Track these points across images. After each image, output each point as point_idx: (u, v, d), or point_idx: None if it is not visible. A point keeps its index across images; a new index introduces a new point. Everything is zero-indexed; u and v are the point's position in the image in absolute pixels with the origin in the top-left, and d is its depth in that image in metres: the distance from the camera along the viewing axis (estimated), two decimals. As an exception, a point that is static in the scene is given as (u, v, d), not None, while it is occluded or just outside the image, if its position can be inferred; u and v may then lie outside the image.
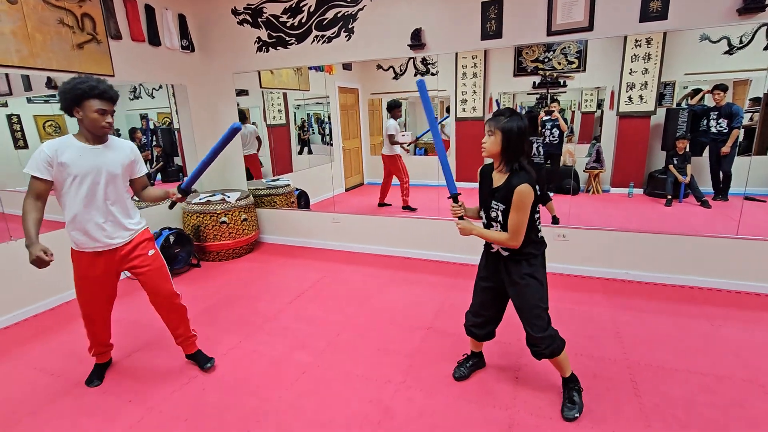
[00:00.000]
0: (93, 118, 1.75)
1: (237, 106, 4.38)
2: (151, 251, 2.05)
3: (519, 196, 1.58)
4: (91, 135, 1.82)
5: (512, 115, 1.62)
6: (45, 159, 1.72)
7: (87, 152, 1.80)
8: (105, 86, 1.77)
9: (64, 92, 1.74)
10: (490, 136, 1.64)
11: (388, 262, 3.78)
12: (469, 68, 4.41)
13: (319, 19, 3.74)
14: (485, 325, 1.95)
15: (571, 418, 1.75)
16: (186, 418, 1.87)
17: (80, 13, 3.12)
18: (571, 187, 4.24)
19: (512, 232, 1.63)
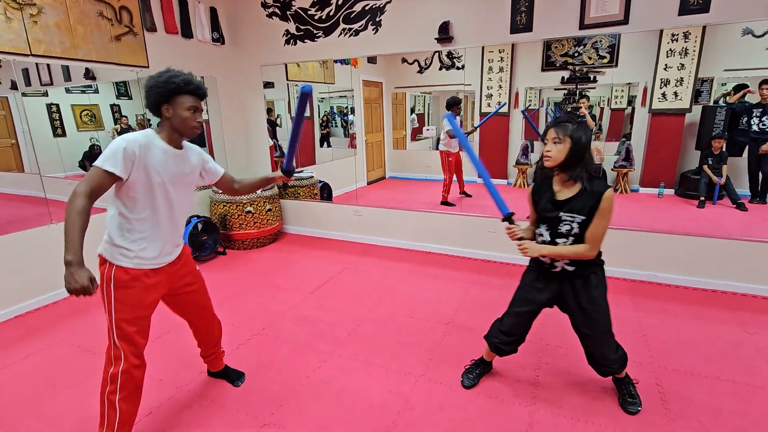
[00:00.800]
0: (185, 117, 1.53)
1: (264, 98, 4.45)
2: (197, 266, 1.90)
3: (609, 202, 1.51)
4: (177, 136, 1.57)
5: (580, 123, 1.54)
6: (130, 156, 1.41)
7: (171, 157, 1.55)
8: (198, 81, 1.58)
9: (155, 86, 1.52)
10: (557, 144, 1.54)
11: (409, 256, 3.79)
12: (495, 62, 4.34)
13: (347, 12, 3.75)
14: (514, 343, 1.89)
15: (635, 411, 1.76)
16: (213, 399, 1.95)
17: (118, 6, 3.23)
18: (598, 185, 4.13)
19: (594, 241, 1.55)
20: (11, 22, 2.64)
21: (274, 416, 1.83)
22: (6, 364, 2.26)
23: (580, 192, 1.56)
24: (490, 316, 2.61)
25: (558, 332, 2.43)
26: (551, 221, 1.63)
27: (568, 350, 2.25)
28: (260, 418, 1.82)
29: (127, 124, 4.12)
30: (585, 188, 1.54)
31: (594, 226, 1.54)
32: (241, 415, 1.84)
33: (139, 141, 1.45)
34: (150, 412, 1.87)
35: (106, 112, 3.86)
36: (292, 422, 1.79)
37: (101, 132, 3.86)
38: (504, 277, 3.26)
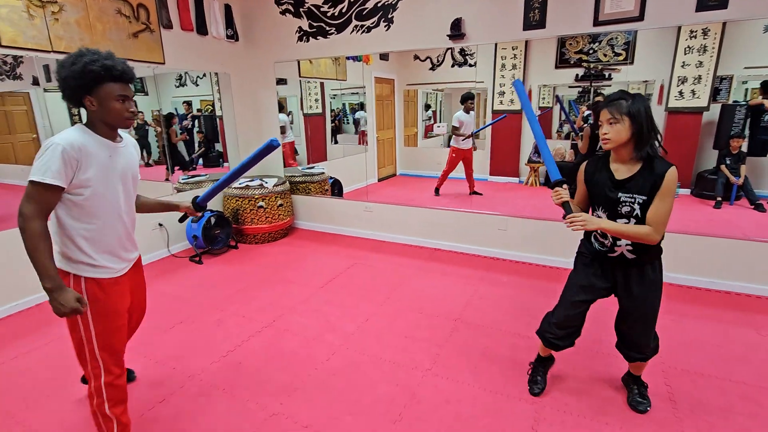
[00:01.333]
0: (114, 108, 1.32)
1: (277, 94, 4.50)
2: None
3: (672, 181, 1.40)
4: (109, 131, 1.38)
5: (634, 96, 1.43)
6: (69, 160, 1.24)
7: (113, 150, 1.39)
8: (122, 64, 1.32)
9: (70, 77, 1.27)
10: (613, 125, 1.43)
11: (418, 252, 3.81)
12: (508, 59, 4.31)
13: (359, 8, 3.76)
14: (572, 335, 1.77)
15: (644, 410, 1.75)
16: (223, 388, 2.00)
17: (136, 4, 3.30)
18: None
19: (658, 223, 1.42)
20: (34, 19, 2.72)
21: (282, 406, 1.87)
22: (29, 350, 2.35)
23: (640, 170, 1.45)
24: (498, 312, 2.64)
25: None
26: (610, 203, 1.52)
27: (577, 347, 2.25)
28: (269, 407, 1.86)
29: (142, 120, 4.21)
30: (645, 166, 1.45)
31: (655, 207, 1.43)
32: (251, 405, 1.88)
33: (76, 141, 1.27)
34: (163, 399, 1.93)
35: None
36: (300, 412, 1.83)
37: (118, 127, 3.94)
38: (512, 275, 3.26)
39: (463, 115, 4.47)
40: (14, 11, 2.63)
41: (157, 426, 1.77)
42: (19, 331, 2.55)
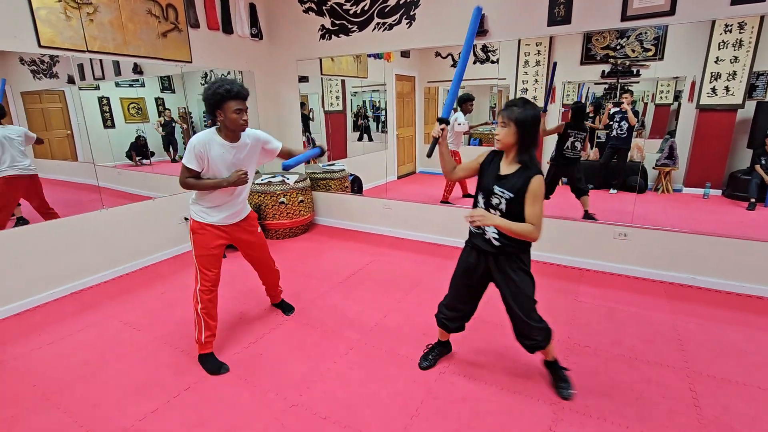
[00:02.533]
0: (233, 118, 1.94)
1: (299, 92, 4.56)
2: (258, 228, 2.41)
3: (538, 185, 1.59)
4: (231, 133, 2.01)
5: (525, 105, 1.60)
6: (198, 154, 1.96)
7: (228, 150, 2.02)
8: (238, 87, 1.95)
9: (207, 98, 1.95)
10: (503, 127, 1.63)
11: (437, 250, 3.81)
12: (531, 56, 4.23)
13: (381, 6, 3.77)
14: (460, 318, 1.99)
15: (569, 396, 1.85)
16: (245, 378, 2.06)
17: (165, 4, 3.40)
18: (637, 184, 3.98)
19: (537, 224, 1.60)
20: (70, 20, 2.85)
21: (302, 397, 1.91)
22: (64, 335, 2.48)
23: (516, 171, 1.65)
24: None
25: (584, 332, 2.39)
26: (487, 192, 1.72)
27: (597, 350, 2.22)
28: (289, 398, 1.91)
29: (170, 117, 4.33)
30: (520, 170, 1.64)
31: (530, 210, 1.61)
32: (271, 395, 1.94)
33: (203, 140, 1.97)
34: (188, 387, 2.00)
35: (151, 105, 4.09)
36: (318, 404, 1.87)
37: (146, 124, 4.09)
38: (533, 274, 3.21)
39: (461, 117, 4.49)
40: (52, 13, 2.76)
41: (179, 413, 1.84)
42: (57, 317, 2.69)
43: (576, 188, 3.56)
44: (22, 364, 2.21)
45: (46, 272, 2.90)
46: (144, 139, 4.07)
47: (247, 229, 2.30)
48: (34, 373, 2.14)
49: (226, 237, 2.22)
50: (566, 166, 3.59)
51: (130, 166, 3.96)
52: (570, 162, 3.65)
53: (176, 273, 3.41)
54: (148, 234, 3.56)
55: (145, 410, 1.85)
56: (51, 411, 1.87)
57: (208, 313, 2.14)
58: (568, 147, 3.63)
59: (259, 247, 2.41)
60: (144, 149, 4.08)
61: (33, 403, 1.91)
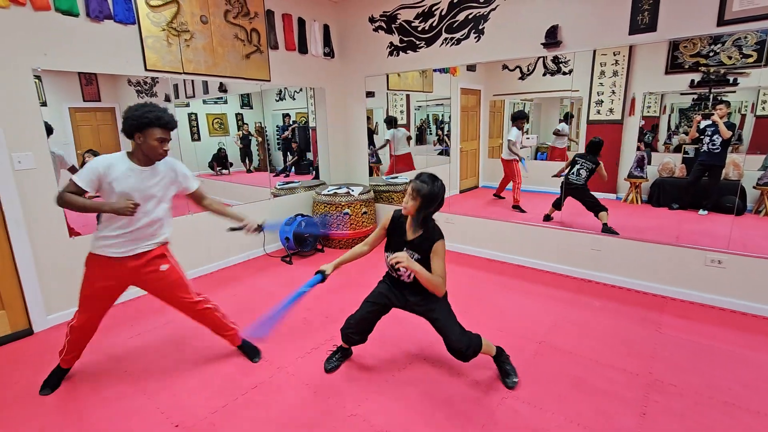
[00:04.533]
0: (153, 146, 1.84)
1: (366, 106, 4.71)
2: (164, 266, 2.06)
3: (441, 248, 1.87)
4: (146, 159, 1.90)
5: (434, 182, 1.84)
6: (96, 174, 1.80)
7: (135, 173, 1.88)
8: (169, 116, 1.87)
9: (131, 118, 1.82)
10: (412, 200, 1.85)
11: (499, 268, 3.68)
12: (608, 66, 3.98)
13: (449, 21, 3.80)
14: (361, 333, 2.17)
15: (512, 384, 2.03)
16: (307, 383, 2.12)
17: (250, 28, 3.72)
18: (734, 205, 3.55)
19: (443, 276, 1.87)
20: (171, 46, 3.21)
21: (360, 408, 1.93)
22: (149, 329, 2.74)
23: (420, 236, 1.90)
24: (590, 340, 2.44)
25: (668, 369, 2.15)
26: (396, 250, 1.94)
27: (684, 390, 1.99)
28: (348, 408, 1.93)
29: (247, 131, 4.69)
30: (424, 234, 1.89)
31: (436, 266, 1.87)
32: (332, 402, 1.97)
33: (107, 162, 1.84)
34: (255, 386, 2.11)
35: (232, 120, 4.45)
36: (375, 416, 1.87)
37: (227, 137, 4.46)
38: (606, 300, 2.99)
39: (516, 132, 4.57)
40: (157, 40, 3.13)
41: (247, 410, 1.94)
42: (144, 312, 2.98)
43: (589, 208, 3.57)
44: (116, 351, 2.48)
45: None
46: (224, 151, 4.44)
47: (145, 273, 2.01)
48: (126, 359, 2.38)
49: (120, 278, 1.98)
50: (570, 190, 3.66)
51: (211, 175, 4.33)
52: (574, 188, 3.65)
53: (247, 276, 3.63)
54: (223, 239, 3.84)
55: (217, 405, 1.98)
56: (137, 395, 2.06)
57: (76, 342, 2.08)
58: (574, 173, 3.65)
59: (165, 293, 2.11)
60: (224, 160, 4.44)
61: (124, 387, 2.13)
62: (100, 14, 2.80)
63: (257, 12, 3.77)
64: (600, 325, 2.63)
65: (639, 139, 3.92)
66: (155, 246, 2.04)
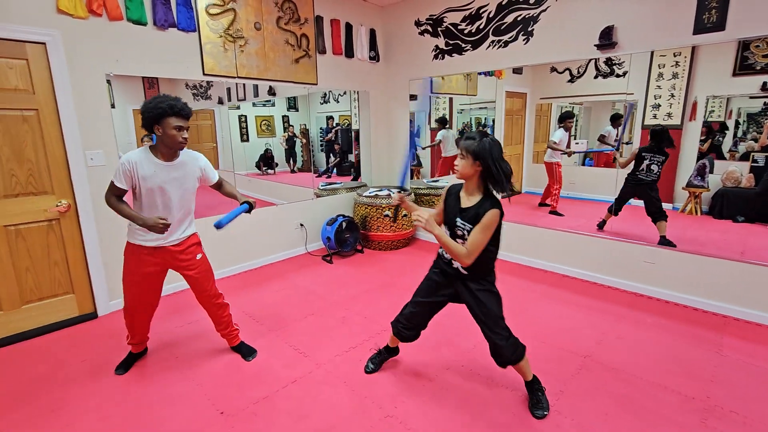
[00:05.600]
0: (172, 135, 1.90)
1: (409, 109, 4.72)
2: (199, 255, 2.20)
3: (490, 217, 1.65)
4: (168, 150, 1.96)
5: (482, 138, 1.66)
6: (126, 171, 1.91)
7: (161, 168, 1.96)
8: (182, 104, 1.92)
9: (147, 111, 1.88)
10: (462, 159, 1.70)
11: (543, 277, 3.56)
12: (667, 67, 3.75)
13: (497, 24, 3.74)
14: (414, 329, 2.06)
15: (541, 416, 1.86)
16: (345, 381, 2.16)
17: (300, 34, 3.84)
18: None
19: (471, 250, 1.68)
20: (227, 52, 3.39)
21: (397, 410, 1.93)
22: (199, 318, 2.89)
23: (476, 203, 1.71)
24: (641, 358, 2.31)
25: (729, 394, 2.00)
26: (451, 225, 1.79)
27: (747, 418, 1.83)
28: (384, 408, 1.95)
29: (292, 132, 4.84)
30: (481, 201, 1.70)
31: (472, 236, 1.68)
32: (368, 402, 2.00)
33: (133, 159, 1.92)
34: (294, 380, 2.17)
35: (278, 122, 4.61)
36: (413, 419, 1.87)
37: (273, 138, 4.63)
38: (660, 316, 2.81)
39: (561, 133, 4.42)
40: (215, 47, 3.31)
41: (285, 403, 2.00)
42: (196, 302, 3.15)
43: (651, 211, 3.34)
44: (169, 337, 2.64)
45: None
46: (271, 151, 4.62)
47: (182, 260, 2.14)
48: (177, 346, 2.53)
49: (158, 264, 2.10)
50: (637, 186, 3.43)
51: (258, 175, 4.51)
52: (642, 183, 3.40)
53: (291, 273, 3.75)
54: (269, 236, 3.99)
55: (258, 395, 2.06)
56: (186, 381, 2.19)
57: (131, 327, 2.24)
58: (643, 169, 3.42)
59: (195, 281, 2.20)
60: (270, 161, 4.61)
61: (174, 373, 2.27)
62: (165, 23, 3.00)
63: (307, 18, 3.89)
64: (652, 343, 2.48)
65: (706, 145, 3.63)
66: (189, 235, 2.17)
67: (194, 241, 2.20)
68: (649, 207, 3.37)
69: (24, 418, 1.93)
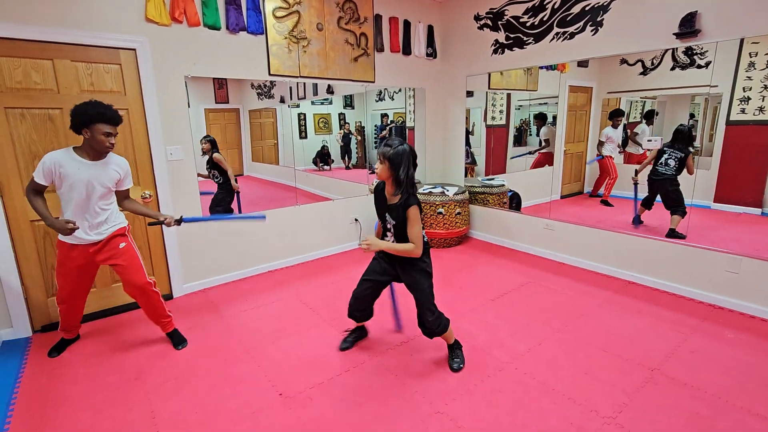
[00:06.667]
0: (100, 139, 2.03)
1: (465, 106, 4.65)
2: (122, 244, 2.26)
3: (414, 214, 1.96)
4: (93, 152, 2.09)
5: (399, 145, 1.94)
6: (47, 169, 2.03)
7: (84, 166, 2.08)
8: (112, 112, 2.04)
9: (77, 115, 1.99)
10: (381, 164, 1.97)
11: (606, 282, 3.36)
12: (761, 56, 3.35)
13: (562, 15, 3.57)
14: (363, 310, 2.35)
15: (458, 369, 2.20)
16: (396, 374, 2.19)
17: (359, 33, 3.92)
18: None
19: (416, 243, 1.98)
20: (291, 52, 3.54)
21: (447, 407, 1.93)
22: (260, 304, 3.07)
23: (397, 203, 1.99)
24: (719, 375, 2.13)
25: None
26: (382, 218, 2.11)
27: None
28: (434, 404, 1.96)
29: (348, 130, 4.96)
30: (400, 201, 1.97)
31: (410, 231, 1.98)
32: (419, 397, 2.01)
33: (55, 158, 2.04)
34: (348, 369, 2.25)
35: (335, 120, 4.74)
36: (463, 418, 1.86)
37: (330, 136, 4.77)
38: (742, 332, 2.55)
39: (611, 131, 4.26)
40: (280, 48, 3.48)
41: (338, 391, 2.07)
42: (257, 289, 3.36)
43: (669, 206, 3.38)
44: (233, 321, 2.83)
45: (253, 253, 3.65)
46: (327, 148, 4.76)
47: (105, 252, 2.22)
48: (240, 329, 2.71)
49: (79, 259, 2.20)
50: (657, 182, 3.48)
51: (314, 170, 4.67)
52: (662, 179, 3.45)
53: (344, 266, 3.86)
54: (325, 230, 4.13)
55: (313, 381, 2.15)
56: (248, 362, 2.34)
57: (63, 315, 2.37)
58: (662, 163, 3.46)
59: (122, 269, 2.25)
60: (326, 157, 4.76)
61: (238, 353, 2.43)
62: (237, 27, 3.21)
63: (366, 17, 3.96)
64: (733, 361, 2.26)
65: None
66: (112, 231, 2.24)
67: (118, 233, 2.27)
68: (667, 202, 3.40)
69: (110, 386, 2.18)
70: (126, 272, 2.26)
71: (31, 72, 2.51)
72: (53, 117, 2.61)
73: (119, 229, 2.29)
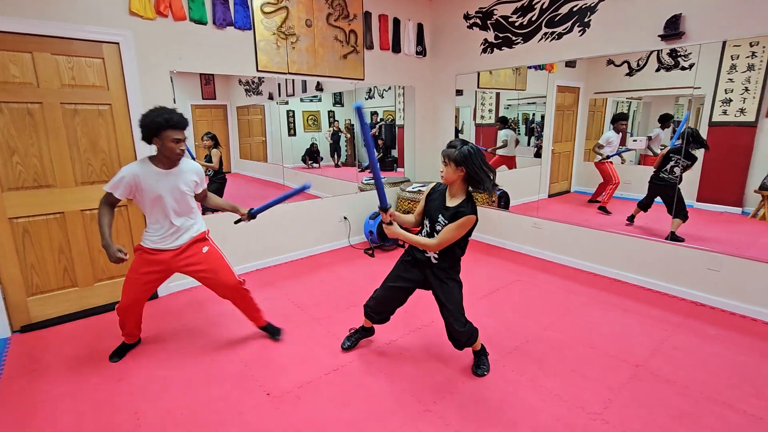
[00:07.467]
0: (170, 147, 1.99)
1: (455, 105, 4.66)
2: (205, 248, 2.24)
3: (466, 220, 1.85)
4: (167, 160, 2.06)
5: (462, 146, 1.84)
6: (127, 184, 2.00)
7: (162, 177, 2.05)
8: (178, 117, 2.00)
9: (146, 125, 1.97)
10: (445, 166, 1.89)
11: (593, 280, 3.41)
12: (741, 59, 3.43)
13: (551, 15, 3.60)
14: (382, 313, 2.27)
15: (482, 374, 2.15)
16: (386, 373, 2.19)
17: (348, 30, 3.90)
18: None
19: (441, 240, 1.89)
20: (279, 48, 3.50)
21: (436, 405, 1.94)
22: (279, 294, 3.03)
23: (457, 204, 1.90)
24: (701, 371, 2.17)
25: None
26: (433, 219, 1.98)
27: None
28: (423, 403, 1.96)
29: (337, 127, 4.93)
30: (462, 203, 1.88)
31: (447, 231, 1.88)
32: (407, 396, 2.01)
33: (134, 171, 2.01)
34: (337, 368, 2.23)
35: (324, 117, 4.71)
36: (451, 416, 1.87)
37: (319, 133, 4.74)
38: (724, 328, 2.61)
39: (613, 135, 4.24)
40: (268, 44, 3.43)
41: (328, 390, 2.06)
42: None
43: (670, 210, 3.33)
44: (220, 320, 2.79)
45: (240, 251, 3.60)
46: (316, 146, 4.73)
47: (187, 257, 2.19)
48: (227, 328, 2.67)
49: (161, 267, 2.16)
50: (659, 187, 3.43)
51: (303, 168, 4.64)
52: (665, 184, 3.40)
53: (333, 264, 3.84)
54: (313, 228, 4.10)
55: (303, 380, 2.14)
56: (236, 362, 2.31)
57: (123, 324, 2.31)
58: (666, 170, 3.38)
59: (209, 273, 2.23)
60: (315, 155, 4.73)
61: (225, 353, 2.40)
62: (224, 22, 3.15)
63: (356, 14, 3.94)
64: (714, 357, 2.31)
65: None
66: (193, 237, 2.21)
67: (198, 238, 2.24)
68: (669, 206, 3.36)
69: (93, 387, 2.13)
70: (216, 276, 2.24)
71: (9, 65, 2.44)
72: (32, 111, 2.54)
73: (200, 234, 2.25)
